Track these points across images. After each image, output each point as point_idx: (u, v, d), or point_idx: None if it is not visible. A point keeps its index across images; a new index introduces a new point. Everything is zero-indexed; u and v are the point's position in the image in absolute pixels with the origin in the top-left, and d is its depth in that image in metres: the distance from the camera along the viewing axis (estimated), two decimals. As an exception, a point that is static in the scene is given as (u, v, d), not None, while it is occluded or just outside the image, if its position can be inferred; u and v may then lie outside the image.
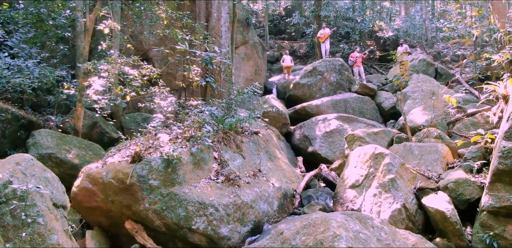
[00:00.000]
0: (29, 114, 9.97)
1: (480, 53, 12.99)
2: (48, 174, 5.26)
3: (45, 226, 4.36)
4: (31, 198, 4.42)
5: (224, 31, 12.00)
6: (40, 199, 4.56)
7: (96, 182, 6.19)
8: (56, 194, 5.14)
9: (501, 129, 6.67)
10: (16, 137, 9.15)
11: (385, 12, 28.34)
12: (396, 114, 14.49)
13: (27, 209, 4.32)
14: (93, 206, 6.37)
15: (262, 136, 8.87)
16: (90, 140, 9.83)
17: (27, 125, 9.39)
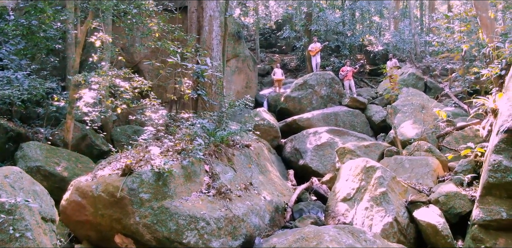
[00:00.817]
0: (18, 126, 9.89)
1: (468, 67, 13.20)
2: (37, 187, 5.21)
3: (33, 241, 4.30)
4: (20, 212, 4.36)
5: (216, 44, 12.08)
6: (28, 213, 4.50)
7: (85, 195, 6.12)
8: (45, 208, 5.08)
9: (491, 142, 6.75)
10: (4, 150, 9.06)
11: (375, 27, 28.75)
12: (386, 128, 14.60)
13: (15, 223, 4.26)
14: (82, 220, 6.29)
15: (253, 149, 8.87)
16: (79, 152, 9.75)
17: (15, 137, 9.30)
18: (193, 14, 12.11)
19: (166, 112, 8.96)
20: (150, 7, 10.67)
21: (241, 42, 18.98)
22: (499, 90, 8.52)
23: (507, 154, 6.02)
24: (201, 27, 11.96)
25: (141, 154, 6.69)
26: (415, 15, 29.22)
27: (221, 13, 13.45)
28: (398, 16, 29.60)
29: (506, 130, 6.06)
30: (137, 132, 10.74)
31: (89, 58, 10.64)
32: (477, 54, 12.60)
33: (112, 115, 11.31)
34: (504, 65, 8.13)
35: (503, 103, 7.19)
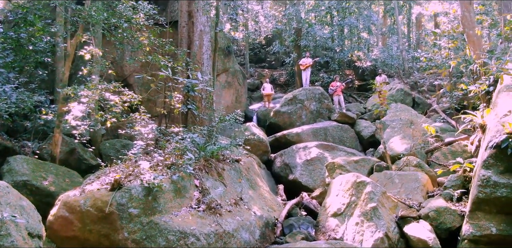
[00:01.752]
0: (5, 140, 9.79)
1: (456, 84, 13.42)
2: (23, 202, 5.15)
3: (19, 257, 4.22)
4: (6, 228, 4.30)
5: (206, 58, 12.17)
6: (15, 228, 4.44)
7: (73, 210, 6.03)
8: (31, 223, 5.01)
9: (480, 158, 6.84)
10: (-10, 164, 8.93)
11: (363, 43, 29.18)
12: (375, 143, 14.70)
13: (1, 239, 4.20)
14: (70, 236, 6.18)
15: (243, 164, 8.86)
16: (67, 167, 9.66)
17: (2, 151, 9.21)
18: (183, 28, 12.21)
19: (156, 126, 8.93)
20: (141, 21, 10.72)
21: (231, 57, 19.13)
22: (487, 106, 8.67)
23: (496, 170, 6.11)
24: (192, 41, 12.06)
25: (131, 168, 6.64)
26: (403, 31, 29.74)
27: (212, 28, 13.59)
28: (386, 32, 30.12)
29: (495, 145, 6.15)
30: (126, 146, 10.68)
31: (78, 71, 10.63)
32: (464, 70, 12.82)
33: (101, 129, 11.26)
34: (492, 81, 8.29)
35: (491, 119, 7.32)
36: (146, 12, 10.83)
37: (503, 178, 6.00)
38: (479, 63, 9.10)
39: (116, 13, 10.36)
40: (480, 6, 13.68)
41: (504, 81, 7.75)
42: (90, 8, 10.12)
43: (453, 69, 13.20)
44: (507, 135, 6.08)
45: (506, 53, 9.17)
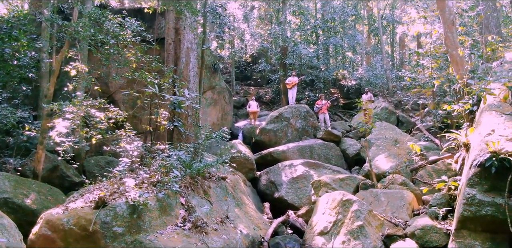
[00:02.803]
0: (-15, 156, 9.61)
1: (439, 102, 13.66)
2: (4, 220, 5.03)
3: (0, 277, 4.11)
4: (-14, 246, 4.19)
5: (193, 76, 12.21)
6: (-4, 247, 4.33)
7: (56, 229, 5.91)
8: (12, 242, 4.89)
9: (464, 176, 6.93)
10: (-31, 181, 8.71)
11: (348, 62, 29.64)
12: (360, 161, 14.79)
13: (-19, 258, 4.08)
14: (51, 255, 6.05)
15: (229, 182, 8.82)
16: (50, 184, 9.46)
17: (-18, 168, 9.02)
18: (170, 45, 12.26)
19: (141, 143, 8.88)
20: (128, 38, 10.76)
21: (217, 74, 19.23)
22: (470, 125, 8.85)
23: (481, 188, 6.19)
24: (178, 58, 12.10)
25: (115, 186, 6.57)
26: (387, 51, 30.35)
27: (198, 45, 13.67)
28: (370, 51, 30.69)
29: (479, 164, 6.25)
30: (111, 163, 10.56)
31: (63, 87, 10.56)
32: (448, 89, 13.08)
33: (85, 145, 11.14)
34: (475, 101, 8.48)
35: (475, 137, 7.46)
36: (133, 29, 10.89)
37: (488, 196, 6.08)
38: (462, 82, 9.31)
39: (103, 30, 10.38)
40: (461, 27, 14.06)
41: (487, 101, 7.93)
42: (77, 24, 10.12)
43: (436, 88, 13.46)
44: (491, 154, 6.19)
45: (488, 74, 9.41)
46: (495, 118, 7.62)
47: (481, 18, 14.98)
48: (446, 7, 11.02)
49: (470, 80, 8.71)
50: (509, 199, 5.95)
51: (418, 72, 15.77)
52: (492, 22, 16.11)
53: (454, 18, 11.10)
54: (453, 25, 11.03)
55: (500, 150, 6.29)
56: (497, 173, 6.07)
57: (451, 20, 10.95)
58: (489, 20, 15.93)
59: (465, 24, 17.51)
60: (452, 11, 11.13)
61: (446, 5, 11.04)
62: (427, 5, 17.22)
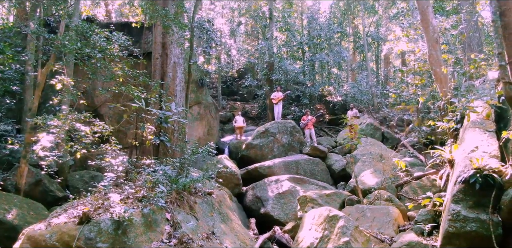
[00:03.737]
0: (-34, 170, 9.43)
1: (424, 119, 13.86)
2: (-15, 236, 4.92)
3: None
4: (-34, 263, 4.09)
5: (179, 90, 12.22)
6: (-24, 264, 4.23)
7: (38, 245, 5.79)
8: (-7, 259, 4.78)
9: (449, 192, 7.02)
10: (-51, 195, 8.53)
11: (334, 78, 29.99)
12: (346, 176, 14.86)
13: (-39, 275, 3.98)
14: (32, 272, 5.90)
15: (215, 197, 8.78)
16: (32, 199, 9.30)
17: (-37, 182, 8.83)
18: (157, 60, 12.28)
19: (127, 157, 8.81)
20: (115, 52, 10.77)
21: (203, 89, 19.27)
22: (454, 141, 8.99)
23: (465, 204, 6.27)
24: (165, 73, 12.11)
25: (100, 201, 6.49)
26: (372, 68, 30.81)
27: (185, 60, 13.73)
28: (356, 68, 31.14)
29: (464, 180, 6.34)
30: (95, 178, 10.44)
31: (47, 100, 10.47)
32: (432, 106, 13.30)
33: (69, 160, 11.01)
34: (459, 118, 8.64)
35: (459, 154, 7.58)
36: (120, 43, 10.91)
37: (472, 212, 6.16)
38: (446, 100, 9.49)
39: (90, 43, 10.38)
40: (444, 45, 14.39)
41: (471, 118, 8.09)
42: (63, 37, 10.11)
43: (421, 105, 13.68)
44: (475, 170, 6.30)
45: (471, 91, 9.62)
46: (478, 135, 7.77)
47: (463, 37, 15.36)
48: (430, 26, 11.30)
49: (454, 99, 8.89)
50: (493, 215, 6.04)
51: (403, 88, 16.03)
52: (474, 41, 16.53)
53: (437, 37, 11.38)
54: (437, 43, 11.29)
55: (484, 166, 6.41)
56: (481, 189, 6.17)
57: (435, 38, 11.22)
58: (471, 39, 16.34)
59: (448, 42, 17.92)
60: (436, 29, 11.42)
61: (430, 23, 11.32)
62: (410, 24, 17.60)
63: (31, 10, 12.36)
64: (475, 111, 7.69)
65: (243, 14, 31.99)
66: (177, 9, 12.46)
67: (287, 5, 30.45)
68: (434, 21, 11.58)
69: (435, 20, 11.72)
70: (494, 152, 7.15)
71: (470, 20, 15.38)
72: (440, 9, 18.27)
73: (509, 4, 6.13)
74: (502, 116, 7.48)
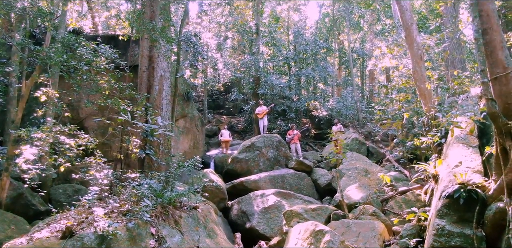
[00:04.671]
0: None
1: (408, 134, 14.03)
2: (-36, 251, 4.81)
3: None
4: None
5: (165, 103, 12.21)
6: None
7: (19, 260, 5.68)
8: (-28, 274, 4.66)
9: (433, 207, 7.09)
10: None
11: (319, 93, 30.27)
12: (331, 191, 14.89)
13: None
14: (11, 289, 5.76)
15: (201, 211, 8.71)
16: (14, 212, 9.09)
17: None
18: (143, 73, 12.28)
19: (112, 171, 8.72)
20: (101, 65, 10.75)
21: (190, 103, 19.28)
22: (438, 156, 9.11)
23: (450, 219, 6.33)
24: (152, 86, 12.10)
25: (84, 215, 6.39)
26: (357, 83, 31.19)
27: (172, 74, 13.76)
28: (341, 83, 31.51)
29: (448, 195, 6.42)
30: (79, 192, 10.30)
31: (31, 113, 10.36)
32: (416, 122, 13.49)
33: (52, 173, 10.85)
34: (443, 133, 8.77)
35: (443, 169, 7.68)
36: (107, 55, 10.90)
37: (456, 227, 6.22)
38: (430, 115, 9.65)
39: (76, 55, 10.35)
40: (428, 62, 14.69)
41: (454, 134, 8.22)
42: (49, 49, 10.07)
43: (405, 120, 13.86)
44: (459, 185, 6.38)
45: (454, 107, 9.79)
46: (462, 150, 7.90)
47: (446, 54, 15.70)
48: (415, 43, 11.54)
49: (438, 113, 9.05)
50: (477, 230, 6.10)
51: (387, 103, 16.27)
52: (456, 58, 16.91)
53: (422, 53, 11.62)
54: (421, 59, 11.52)
55: (467, 181, 6.50)
56: (465, 204, 6.25)
57: (419, 55, 11.45)
58: (454, 56, 16.72)
59: (431, 59, 18.29)
60: (420, 46, 11.66)
61: (415, 40, 11.56)
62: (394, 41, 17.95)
63: (16, 21, 12.29)
64: (459, 127, 7.82)
65: (230, 29, 32.28)
66: (164, 22, 12.54)
67: (274, 20, 30.85)
68: (419, 38, 11.84)
69: (419, 37, 11.98)
70: (477, 167, 7.27)
71: (453, 38, 15.77)
72: (424, 27, 18.71)
73: (490, 22, 6.32)
74: (485, 132, 7.62)
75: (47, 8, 12.77)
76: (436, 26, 16.40)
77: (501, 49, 6.20)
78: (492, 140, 7.00)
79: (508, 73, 6.07)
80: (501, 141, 6.10)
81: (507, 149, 6.02)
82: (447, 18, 17.24)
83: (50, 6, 14.10)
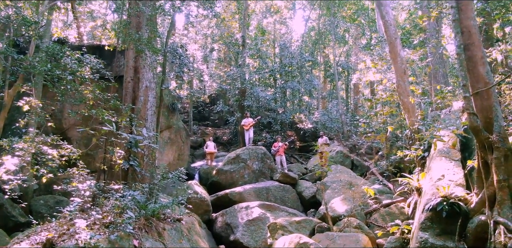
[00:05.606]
0: None
1: (392, 147, 14.18)
2: None
3: None
4: None
5: (150, 115, 12.17)
6: None
7: (-4, 273, 5.57)
8: None
9: (417, 220, 7.16)
10: None
11: (305, 105, 30.45)
12: (316, 203, 14.91)
13: None
14: None
15: (185, 224, 8.64)
16: (-7, 224, 8.95)
17: None
18: (129, 83, 12.24)
19: (95, 182, 8.63)
20: (86, 75, 10.70)
21: (175, 114, 19.23)
22: (422, 170, 9.23)
23: (433, 232, 6.41)
24: (136, 97, 12.06)
25: (65, 227, 6.31)
26: (342, 96, 31.49)
27: (157, 85, 13.74)
28: (326, 96, 31.77)
29: (431, 208, 6.50)
30: (60, 203, 10.14)
31: (13, 122, 10.23)
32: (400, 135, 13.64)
33: (34, 184, 10.68)
34: (426, 147, 8.91)
35: (426, 182, 7.78)
36: (92, 65, 10.87)
37: (439, 240, 6.29)
38: (413, 129, 9.79)
39: (60, 65, 10.29)
40: (413, 77, 14.96)
41: (437, 147, 8.36)
42: (33, 58, 10.01)
43: (389, 133, 14.02)
44: (441, 199, 6.47)
45: (437, 121, 9.96)
46: (445, 163, 8.03)
47: (430, 69, 16.00)
48: (398, 57, 11.76)
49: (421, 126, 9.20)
50: (459, 243, 6.17)
51: (371, 117, 16.45)
52: (439, 73, 17.24)
53: (405, 68, 11.84)
54: (405, 74, 11.73)
55: (450, 194, 6.60)
56: (448, 217, 6.33)
57: (403, 69, 11.66)
58: (437, 71, 17.04)
59: (415, 74, 18.60)
60: (404, 61, 11.89)
61: (398, 55, 11.79)
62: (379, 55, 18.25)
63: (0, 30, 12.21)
64: (441, 140, 7.96)
65: (216, 41, 32.43)
66: (151, 33, 12.56)
67: (260, 33, 31.12)
68: (402, 53, 12.07)
69: (403, 52, 12.21)
70: (459, 180, 7.39)
71: (436, 53, 16.10)
72: (408, 42, 19.06)
73: (472, 38, 6.49)
74: (467, 145, 7.77)
75: (32, 17, 12.74)
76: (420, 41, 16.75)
77: (483, 64, 6.37)
78: (474, 154, 7.15)
79: (489, 88, 6.23)
80: (482, 155, 6.22)
81: (488, 163, 6.15)
82: (430, 33, 17.63)
83: (35, 15, 14.05)
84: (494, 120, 6.19)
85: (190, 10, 16.53)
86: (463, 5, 6.83)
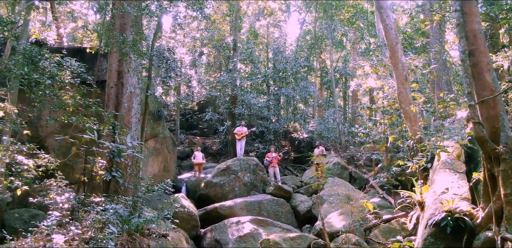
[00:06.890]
0: None
1: (393, 159, 14.24)
2: None
3: None
4: None
5: (135, 122, 12.14)
6: None
7: (-34, 293, 5.49)
8: None
9: (419, 236, 7.18)
10: None
11: (300, 114, 30.50)
12: (312, 218, 14.89)
13: None
14: None
15: (171, 240, 8.63)
16: (-40, 240, 8.81)
17: None
18: (112, 89, 12.21)
19: (74, 194, 8.57)
20: (66, 79, 10.67)
21: (161, 122, 19.18)
22: (424, 182, 9.27)
23: (436, 249, 6.42)
24: (120, 103, 12.03)
25: (42, 243, 6.27)
26: (339, 104, 31.62)
27: (142, 91, 13.73)
28: (323, 104, 31.83)
29: (434, 223, 6.52)
30: (36, 217, 10.05)
31: (-14, 130, 10.14)
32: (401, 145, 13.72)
33: (7, 196, 10.57)
34: (429, 158, 8.96)
35: (429, 196, 7.82)
36: (73, 69, 10.84)
37: (444, 257, 6.29)
38: (415, 139, 9.86)
39: (38, 68, 10.26)
40: (415, 84, 15.09)
41: (441, 158, 8.41)
42: (9, 61, 9.97)
43: (390, 144, 14.09)
44: (446, 213, 6.50)
45: (441, 131, 10.04)
46: (449, 176, 8.08)
47: (433, 76, 16.16)
48: (400, 63, 11.86)
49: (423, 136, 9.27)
50: (465, 261, 6.19)
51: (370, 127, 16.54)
52: (443, 80, 17.43)
53: (407, 74, 11.94)
54: (406, 81, 11.83)
55: (455, 209, 6.63)
56: (452, 233, 6.35)
57: (404, 75, 11.76)
58: (440, 78, 17.23)
59: (417, 81, 18.78)
60: (405, 67, 11.99)
61: (400, 61, 11.90)
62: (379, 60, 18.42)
63: (-27, 30, 12.16)
64: (445, 151, 8.02)
65: (206, 44, 32.50)
66: (136, 35, 12.57)
67: (252, 36, 31.25)
68: (404, 59, 12.18)
69: (404, 58, 12.32)
70: (465, 194, 7.43)
71: (439, 59, 16.28)
72: (409, 46, 19.27)
73: (477, 44, 6.58)
74: (473, 157, 7.82)
75: (8, 16, 12.70)
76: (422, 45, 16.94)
77: (488, 71, 6.44)
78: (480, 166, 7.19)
79: (495, 96, 6.29)
80: (489, 167, 6.26)
81: (495, 175, 6.19)
82: (433, 37, 17.84)
83: (11, 14, 14.02)
84: (500, 130, 6.25)
85: (178, 11, 16.55)
86: (467, 8, 6.93)
